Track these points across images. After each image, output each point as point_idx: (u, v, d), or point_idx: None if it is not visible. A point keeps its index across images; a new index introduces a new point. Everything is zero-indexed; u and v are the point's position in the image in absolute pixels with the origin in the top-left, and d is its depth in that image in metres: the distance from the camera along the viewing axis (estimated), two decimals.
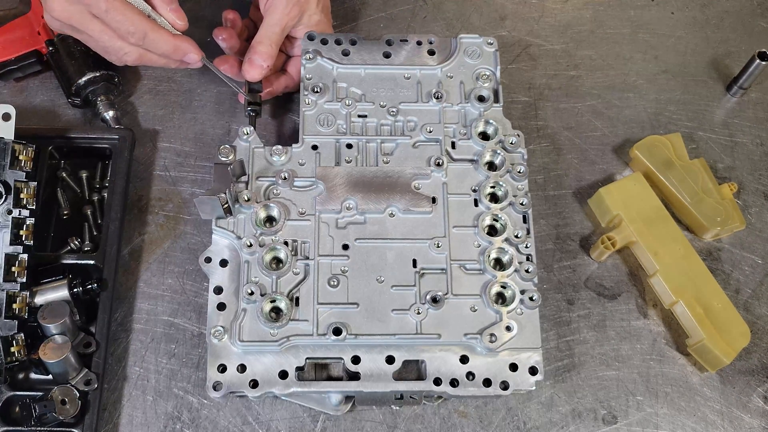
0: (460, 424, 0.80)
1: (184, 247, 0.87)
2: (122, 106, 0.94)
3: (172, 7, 0.81)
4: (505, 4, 1.06)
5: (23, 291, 0.77)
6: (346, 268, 0.79)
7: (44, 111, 0.94)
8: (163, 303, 0.84)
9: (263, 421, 0.79)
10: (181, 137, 0.94)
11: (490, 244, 0.80)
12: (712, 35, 1.05)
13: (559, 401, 0.82)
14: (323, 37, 0.92)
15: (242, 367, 0.75)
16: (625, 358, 0.84)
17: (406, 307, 0.77)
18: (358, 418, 0.80)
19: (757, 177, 0.95)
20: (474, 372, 0.76)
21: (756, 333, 0.85)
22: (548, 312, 0.85)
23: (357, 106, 0.87)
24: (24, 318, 0.76)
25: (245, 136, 0.84)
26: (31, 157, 0.79)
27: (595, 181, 0.93)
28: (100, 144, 0.89)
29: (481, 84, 0.89)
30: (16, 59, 0.93)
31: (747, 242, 0.91)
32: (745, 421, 0.81)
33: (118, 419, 0.79)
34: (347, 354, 0.76)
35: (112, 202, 0.85)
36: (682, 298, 0.83)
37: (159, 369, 0.81)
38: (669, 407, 0.82)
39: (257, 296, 0.76)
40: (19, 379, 0.79)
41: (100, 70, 0.91)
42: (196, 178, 0.91)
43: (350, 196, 0.82)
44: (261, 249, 0.79)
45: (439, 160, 0.84)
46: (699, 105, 0.99)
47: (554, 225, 0.91)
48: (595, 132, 0.97)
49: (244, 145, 0.84)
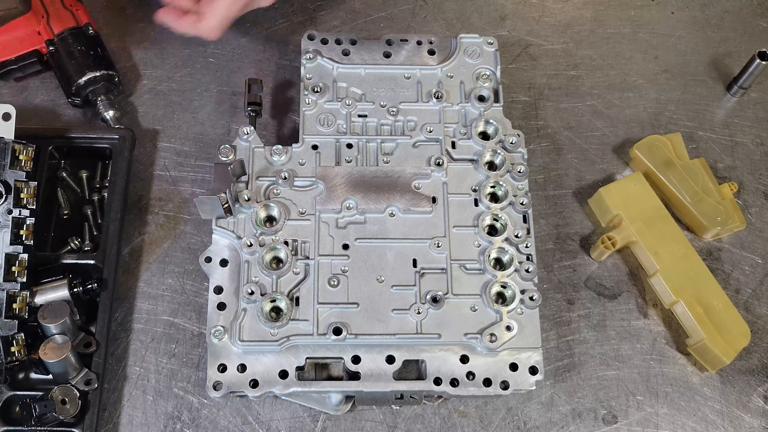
0: (460, 423, 0.80)
1: (184, 246, 0.87)
2: (122, 106, 0.94)
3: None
4: (505, 3, 1.06)
5: (23, 291, 0.77)
6: (346, 267, 0.79)
7: (44, 111, 0.94)
8: (163, 303, 0.84)
9: (263, 420, 0.79)
10: (181, 137, 0.94)
11: (491, 244, 0.80)
12: (712, 35, 1.05)
13: (559, 401, 0.82)
14: (323, 36, 0.92)
15: (242, 366, 0.75)
16: (625, 357, 0.84)
17: (406, 307, 0.77)
18: (359, 417, 0.80)
19: (758, 177, 0.95)
20: (474, 372, 0.76)
21: (756, 333, 0.85)
22: (548, 312, 0.85)
23: (357, 105, 0.87)
24: (24, 318, 0.76)
25: (245, 135, 0.84)
26: (32, 156, 0.79)
27: (595, 181, 0.93)
28: (100, 144, 0.89)
29: (482, 84, 0.89)
30: (16, 59, 0.93)
31: (747, 242, 0.91)
32: (745, 420, 0.81)
33: (119, 419, 0.79)
34: (347, 354, 0.76)
35: (112, 202, 0.85)
36: (682, 298, 0.83)
37: (159, 369, 0.81)
38: (669, 407, 0.82)
39: (257, 296, 0.76)
40: (19, 379, 0.79)
41: (100, 69, 0.91)
42: (196, 178, 0.91)
43: (350, 196, 0.82)
44: (261, 249, 0.79)
45: (439, 159, 0.84)
46: (699, 105, 0.99)
47: (554, 225, 0.91)
48: (595, 132, 0.97)
49: (244, 144, 0.84)
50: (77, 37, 0.92)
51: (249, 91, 0.88)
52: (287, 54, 0.99)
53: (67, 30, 0.92)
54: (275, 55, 0.99)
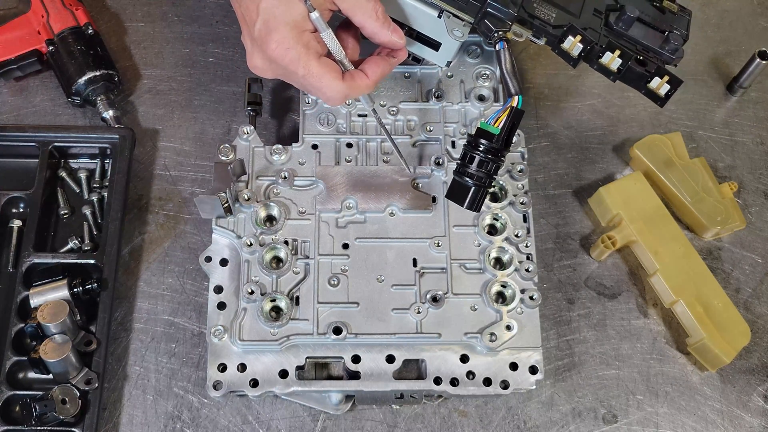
0: (460, 423, 0.80)
1: (184, 246, 0.87)
2: (122, 106, 0.94)
3: (391, 29, 0.76)
4: None
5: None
6: (346, 267, 0.79)
7: (44, 111, 0.94)
8: (164, 302, 0.84)
9: (263, 420, 0.79)
10: (181, 137, 0.94)
11: (491, 244, 0.80)
12: (712, 35, 1.05)
13: (560, 400, 0.81)
14: None
15: (242, 366, 0.75)
16: (625, 357, 0.84)
17: (406, 307, 0.77)
18: (359, 417, 0.80)
19: (758, 176, 0.95)
20: (474, 371, 0.76)
21: (756, 332, 0.85)
22: (548, 311, 0.85)
23: (357, 105, 0.87)
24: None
25: (245, 135, 0.84)
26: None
27: (595, 180, 0.93)
28: (100, 144, 0.89)
29: (482, 83, 0.89)
30: (16, 59, 0.93)
31: (747, 241, 0.91)
32: (745, 420, 0.81)
33: (119, 418, 0.79)
34: (347, 353, 0.76)
35: (112, 202, 0.85)
36: (682, 298, 0.83)
37: (159, 368, 0.81)
38: (669, 406, 0.82)
39: (257, 295, 0.76)
40: (19, 378, 0.79)
41: (100, 69, 0.91)
42: (196, 178, 0.91)
43: (350, 196, 0.82)
44: (261, 248, 0.79)
45: (440, 159, 0.84)
46: (699, 104, 0.99)
47: (554, 224, 0.90)
48: (595, 131, 0.97)
49: (244, 144, 0.84)
50: (77, 36, 0.92)
51: (249, 90, 0.88)
52: None
53: (67, 29, 0.92)
54: None
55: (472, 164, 0.71)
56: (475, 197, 0.72)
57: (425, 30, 0.80)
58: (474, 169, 0.71)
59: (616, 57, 0.75)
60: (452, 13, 0.77)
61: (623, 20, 0.77)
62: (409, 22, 0.80)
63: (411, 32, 0.81)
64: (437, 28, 0.79)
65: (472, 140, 0.72)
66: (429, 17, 0.78)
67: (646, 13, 0.79)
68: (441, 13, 0.77)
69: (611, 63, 0.76)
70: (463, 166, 0.72)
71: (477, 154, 0.71)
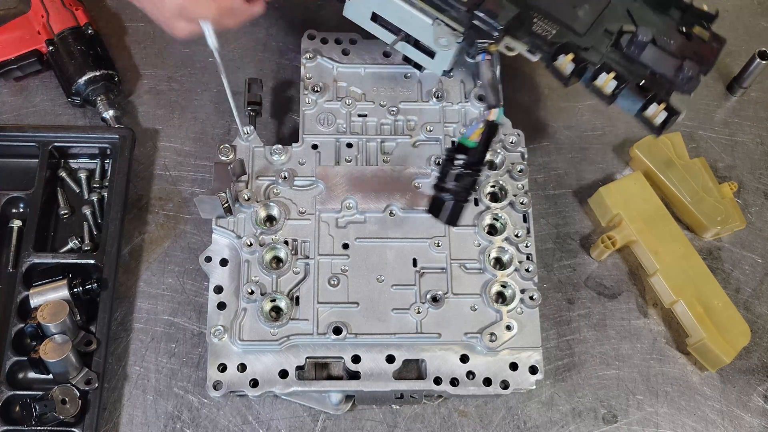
0: (460, 423, 0.80)
1: (184, 246, 0.87)
2: (122, 106, 0.94)
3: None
4: None
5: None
6: (346, 267, 0.79)
7: (44, 111, 0.94)
8: (164, 302, 0.84)
9: (263, 420, 0.79)
10: (181, 137, 0.94)
11: (491, 244, 0.80)
12: None
13: (560, 400, 0.81)
14: (323, 36, 0.92)
15: (242, 366, 0.75)
16: (625, 357, 0.84)
17: (406, 307, 0.77)
18: (359, 417, 0.80)
19: (758, 176, 0.95)
20: (474, 371, 0.76)
21: (756, 332, 0.85)
22: (548, 311, 0.85)
23: (357, 105, 0.87)
24: None
25: (245, 135, 0.84)
26: None
27: (595, 180, 0.93)
28: (100, 144, 0.89)
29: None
30: (16, 59, 0.93)
31: (747, 241, 0.91)
32: (745, 420, 0.81)
33: (119, 419, 0.79)
34: (347, 353, 0.76)
35: (112, 202, 0.85)
36: (682, 298, 0.83)
37: (159, 368, 0.81)
38: (669, 406, 0.82)
39: (257, 295, 0.76)
40: (19, 378, 0.79)
41: (100, 69, 0.91)
42: (196, 178, 0.91)
43: (350, 196, 0.82)
44: (261, 248, 0.79)
45: (439, 159, 0.84)
46: (699, 104, 0.99)
47: (554, 224, 0.90)
48: (595, 131, 0.97)
49: (244, 144, 0.84)
50: (77, 36, 0.92)
51: (249, 90, 0.88)
52: (287, 54, 0.99)
53: (67, 29, 0.92)
54: (275, 54, 0.99)
55: (450, 179, 0.72)
56: (453, 212, 0.73)
57: (420, 37, 0.80)
58: (451, 184, 0.72)
59: (611, 79, 0.74)
60: (444, 22, 0.77)
61: (635, 43, 0.74)
62: (405, 27, 0.80)
63: (409, 38, 0.81)
64: (431, 36, 0.79)
65: (450, 155, 0.73)
66: (423, 24, 0.78)
67: (668, 38, 0.75)
68: (434, 21, 0.77)
69: (605, 85, 0.75)
70: (441, 181, 0.73)
71: (454, 169, 0.72)
